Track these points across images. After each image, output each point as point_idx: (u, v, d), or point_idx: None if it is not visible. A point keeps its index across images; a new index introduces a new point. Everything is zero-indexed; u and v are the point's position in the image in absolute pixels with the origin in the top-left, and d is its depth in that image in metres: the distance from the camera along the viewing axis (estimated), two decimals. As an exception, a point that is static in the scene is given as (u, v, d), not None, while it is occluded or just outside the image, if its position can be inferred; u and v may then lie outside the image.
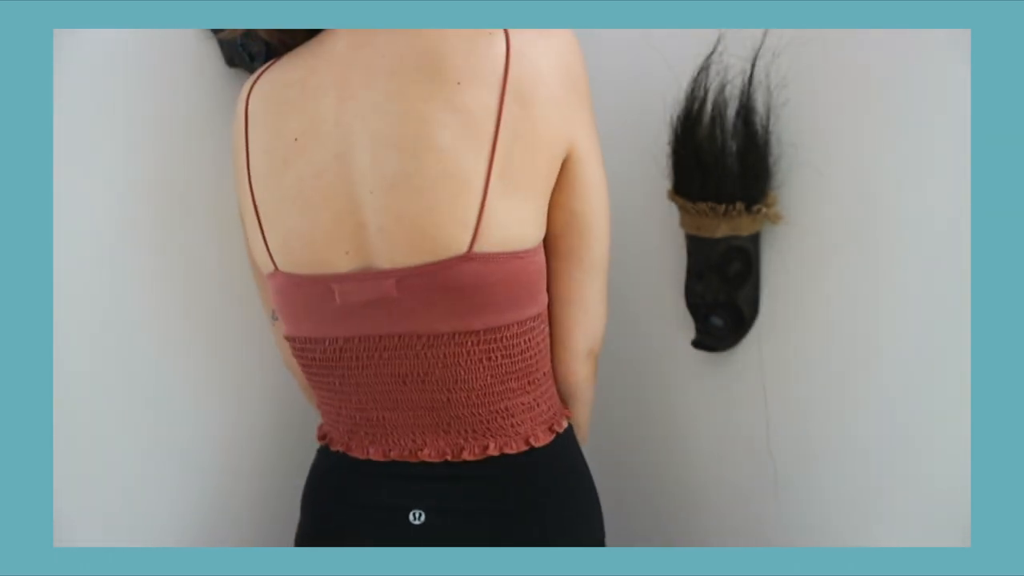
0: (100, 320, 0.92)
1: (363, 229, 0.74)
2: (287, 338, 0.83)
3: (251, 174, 0.79)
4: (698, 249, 0.98)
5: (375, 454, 0.81)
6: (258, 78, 0.82)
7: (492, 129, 0.70)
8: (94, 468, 0.93)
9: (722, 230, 0.95)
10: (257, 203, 0.79)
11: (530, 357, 0.78)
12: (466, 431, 0.78)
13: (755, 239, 0.96)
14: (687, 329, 1.06)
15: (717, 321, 1.00)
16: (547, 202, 0.76)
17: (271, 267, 0.79)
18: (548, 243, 0.78)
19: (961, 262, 0.79)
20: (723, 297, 0.98)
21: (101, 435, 0.93)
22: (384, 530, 0.80)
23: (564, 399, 0.86)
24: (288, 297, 0.79)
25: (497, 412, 0.78)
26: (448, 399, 0.77)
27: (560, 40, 0.76)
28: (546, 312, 0.80)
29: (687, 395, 1.10)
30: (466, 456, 0.78)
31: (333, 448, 0.85)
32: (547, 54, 0.74)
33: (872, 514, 0.91)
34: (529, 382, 0.79)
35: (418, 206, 0.71)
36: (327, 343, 0.78)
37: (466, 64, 0.71)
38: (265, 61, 0.94)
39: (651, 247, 1.10)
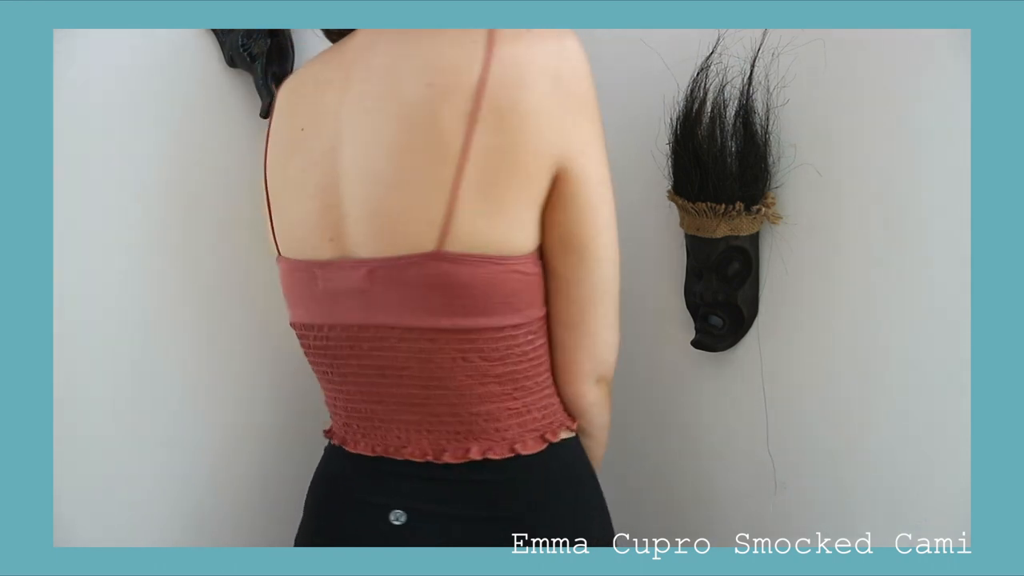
0: (100, 320, 0.92)
1: (344, 219, 0.76)
2: (290, 324, 0.85)
3: (267, 162, 0.83)
4: (697, 249, 0.98)
5: (364, 448, 0.82)
6: (295, 73, 0.87)
7: (462, 136, 0.70)
8: (94, 468, 0.93)
9: (721, 230, 0.95)
10: (268, 189, 0.83)
11: (514, 364, 0.76)
12: (448, 432, 0.78)
13: (754, 239, 0.96)
14: (687, 329, 1.06)
15: (716, 321, 1.00)
16: (535, 215, 0.73)
17: (276, 252, 0.83)
18: (544, 260, 0.76)
19: (961, 261, 0.79)
20: (722, 297, 0.98)
21: (101, 435, 0.93)
22: (364, 528, 0.80)
23: (575, 418, 0.83)
24: (286, 281, 0.83)
25: (478, 415, 0.77)
26: (427, 396, 0.77)
27: (551, 44, 0.71)
28: (538, 325, 0.77)
29: (686, 395, 1.10)
30: (448, 458, 0.77)
31: (333, 441, 0.86)
32: (533, 60, 0.70)
33: (872, 514, 0.91)
34: (516, 388, 0.77)
35: (391, 202, 0.73)
36: (316, 330, 0.81)
37: (445, 68, 0.72)
38: (267, 62, 0.95)
39: (651, 247, 1.10)
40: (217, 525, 1.04)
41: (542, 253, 0.76)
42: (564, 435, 0.81)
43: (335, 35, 0.85)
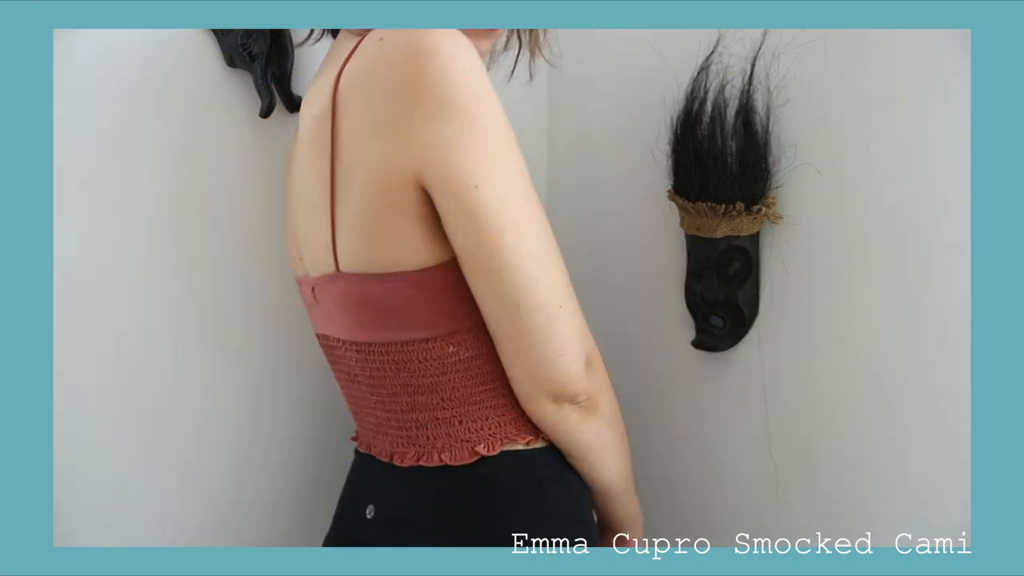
0: (100, 320, 0.92)
1: (298, 241, 0.83)
2: None
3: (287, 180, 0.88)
4: (698, 249, 0.98)
5: (361, 446, 0.87)
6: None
7: (329, 158, 0.72)
8: (95, 468, 0.93)
9: (722, 230, 0.95)
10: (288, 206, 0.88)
11: (435, 376, 0.76)
12: (395, 436, 0.80)
13: (755, 239, 0.96)
14: (687, 329, 1.06)
15: (717, 321, 1.00)
16: (419, 229, 0.70)
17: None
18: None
19: (961, 261, 0.79)
20: (723, 297, 0.98)
21: (102, 435, 0.93)
22: (351, 521, 0.86)
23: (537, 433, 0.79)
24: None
25: (411, 422, 0.78)
26: (376, 402, 0.81)
27: (393, 47, 0.66)
28: (463, 337, 0.75)
29: (687, 395, 1.10)
30: (396, 461, 0.80)
31: (353, 437, 0.92)
32: (373, 70, 0.67)
33: (872, 514, 0.91)
34: (443, 399, 0.76)
35: (306, 228, 0.79)
36: (318, 337, 0.88)
37: (317, 86, 0.77)
38: (267, 62, 0.94)
39: (651, 247, 1.10)
40: (221, 526, 1.04)
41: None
42: (508, 448, 0.77)
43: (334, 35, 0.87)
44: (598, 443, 0.79)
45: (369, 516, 0.82)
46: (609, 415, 0.79)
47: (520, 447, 0.78)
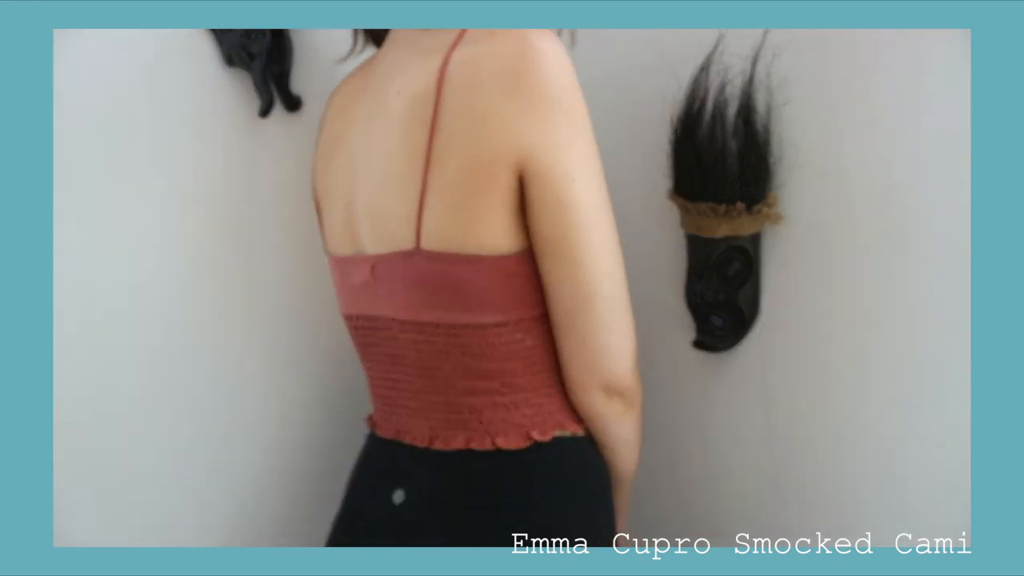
0: (99, 320, 0.92)
1: (356, 218, 0.82)
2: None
3: (315, 166, 0.90)
4: (698, 249, 0.98)
5: (386, 432, 0.87)
6: (343, 80, 0.91)
7: (426, 140, 0.73)
8: (95, 468, 0.93)
9: (722, 230, 0.95)
10: (317, 191, 0.90)
11: (500, 361, 0.77)
12: (440, 420, 0.81)
13: (755, 239, 0.96)
14: (687, 329, 1.06)
15: (717, 321, 1.00)
16: (508, 217, 0.73)
17: (327, 249, 0.90)
18: (538, 263, 0.76)
19: (962, 261, 0.79)
20: (723, 297, 0.98)
21: (102, 434, 0.93)
22: (370, 507, 0.85)
23: (581, 422, 0.82)
24: (332, 275, 0.90)
25: (464, 407, 0.79)
26: (423, 385, 0.81)
27: (509, 46, 0.71)
28: (529, 324, 0.77)
29: (687, 395, 1.10)
30: (439, 445, 0.80)
31: (369, 426, 0.92)
32: (486, 63, 0.71)
33: (872, 514, 0.91)
34: (503, 384, 0.78)
35: (379, 202, 0.78)
36: (352, 320, 0.88)
37: (411, 75, 0.76)
38: (267, 61, 0.95)
39: (651, 247, 1.09)
40: (227, 528, 1.04)
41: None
42: (558, 434, 0.80)
43: (372, 35, 0.89)
44: (632, 436, 0.84)
45: (398, 502, 0.82)
46: (640, 411, 0.84)
47: (568, 434, 0.81)
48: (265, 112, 0.96)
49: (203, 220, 0.98)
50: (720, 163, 0.92)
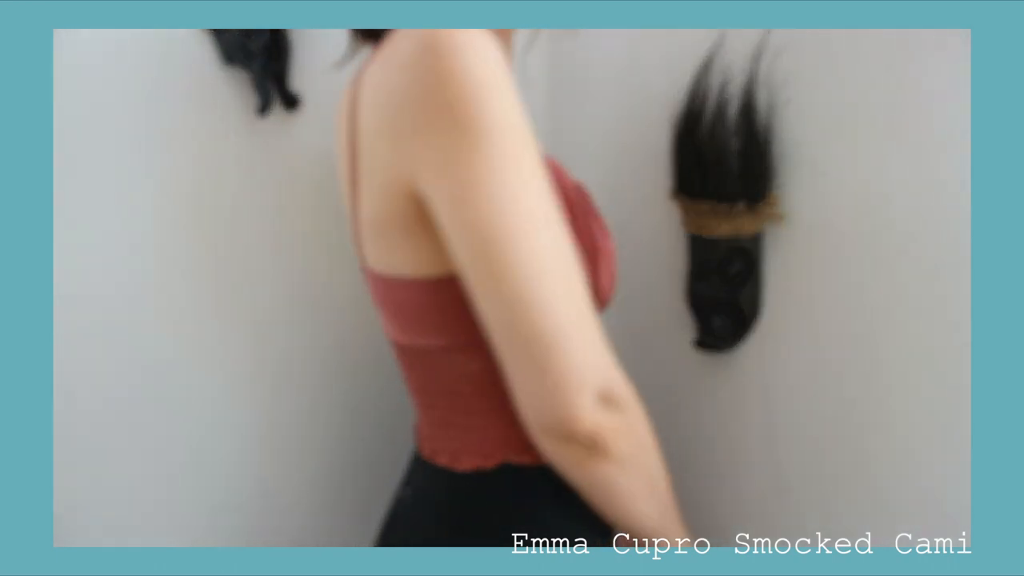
0: (97, 320, 0.92)
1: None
2: None
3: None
4: (699, 249, 0.98)
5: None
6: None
7: (350, 161, 0.74)
8: (96, 468, 0.93)
9: (723, 230, 0.95)
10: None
11: (453, 383, 0.76)
12: (424, 432, 0.83)
13: (757, 239, 0.96)
14: (688, 329, 1.06)
15: (718, 321, 1.00)
16: (426, 240, 0.67)
17: None
18: None
19: (962, 262, 0.79)
20: (725, 297, 0.98)
21: (103, 434, 0.93)
22: (394, 500, 0.87)
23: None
24: None
25: (433, 421, 0.81)
26: (411, 397, 0.84)
27: (414, 43, 0.60)
28: (472, 350, 0.72)
29: (688, 395, 1.10)
30: (425, 453, 0.82)
31: None
32: (386, 72, 0.63)
33: (872, 514, 0.91)
34: (455, 406, 0.78)
35: (352, 218, 0.79)
36: None
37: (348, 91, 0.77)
38: (265, 60, 0.94)
39: (652, 247, 1.10)
40: (227, 528, 1.04)
41: None
42: (507, 461, 0.76)
43: (371, 36, 0.83)
44: (606, 487, 0.70)
45: (405, 499, 0.84)
46: (627, 458, 0.68)
47: (522, 463, 0.76)
48: (263, 111, 0.96)
49: (203, 219, 0.98)
50: (721, 162, 0.92)
